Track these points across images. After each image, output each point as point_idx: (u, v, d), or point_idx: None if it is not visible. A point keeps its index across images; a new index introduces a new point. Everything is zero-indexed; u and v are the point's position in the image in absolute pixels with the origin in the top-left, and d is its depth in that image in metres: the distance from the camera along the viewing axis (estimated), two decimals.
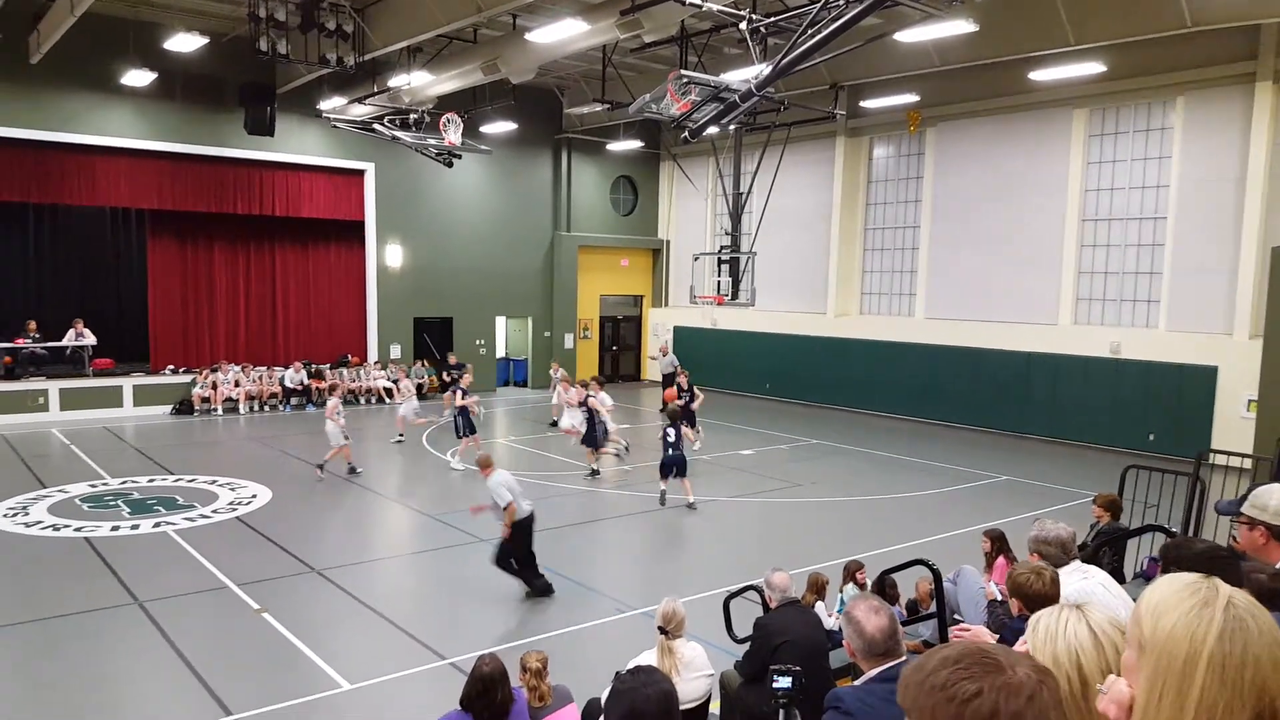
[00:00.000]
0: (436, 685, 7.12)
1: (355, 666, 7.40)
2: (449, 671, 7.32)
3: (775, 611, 5.28)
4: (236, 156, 20.85)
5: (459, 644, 7.82)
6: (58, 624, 8.24)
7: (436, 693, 6.96)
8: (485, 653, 4.48)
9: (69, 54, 17.23)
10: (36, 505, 12.18)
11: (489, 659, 4.35)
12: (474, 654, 7.25)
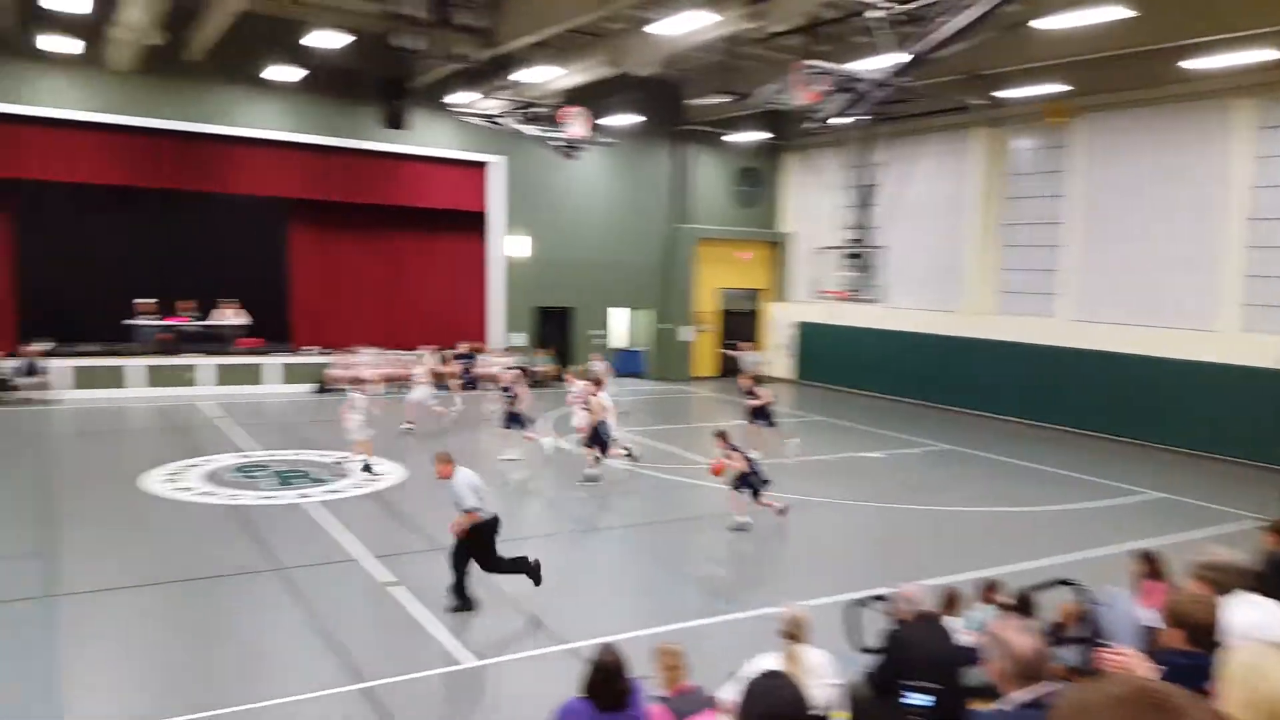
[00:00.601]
0: (556, 670, 7.25)
1: (480, 645, 7.63)
2: (568, 657, 7.44)
3: (906, 624, 5.12)
4: (371, 149, 21.82)
5: (579, 630, 7.94)
6: (206, 584, 8.84)
7: (556, 678, 7.09)
8: (606, 642, 4.52)
9: (224, 51, 18.38)
10: (192, 472, 13.10)
11: (610, 649, 4.39)
12: (593, 641, 7.40)
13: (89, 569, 9.15)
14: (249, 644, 7.63)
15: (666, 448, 16.35)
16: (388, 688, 6.83)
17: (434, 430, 16.54)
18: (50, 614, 7.99)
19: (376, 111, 20.87)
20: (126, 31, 16.14)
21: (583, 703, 4.30)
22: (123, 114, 19.21)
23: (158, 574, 9.08)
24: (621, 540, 10.90)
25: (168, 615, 8.15)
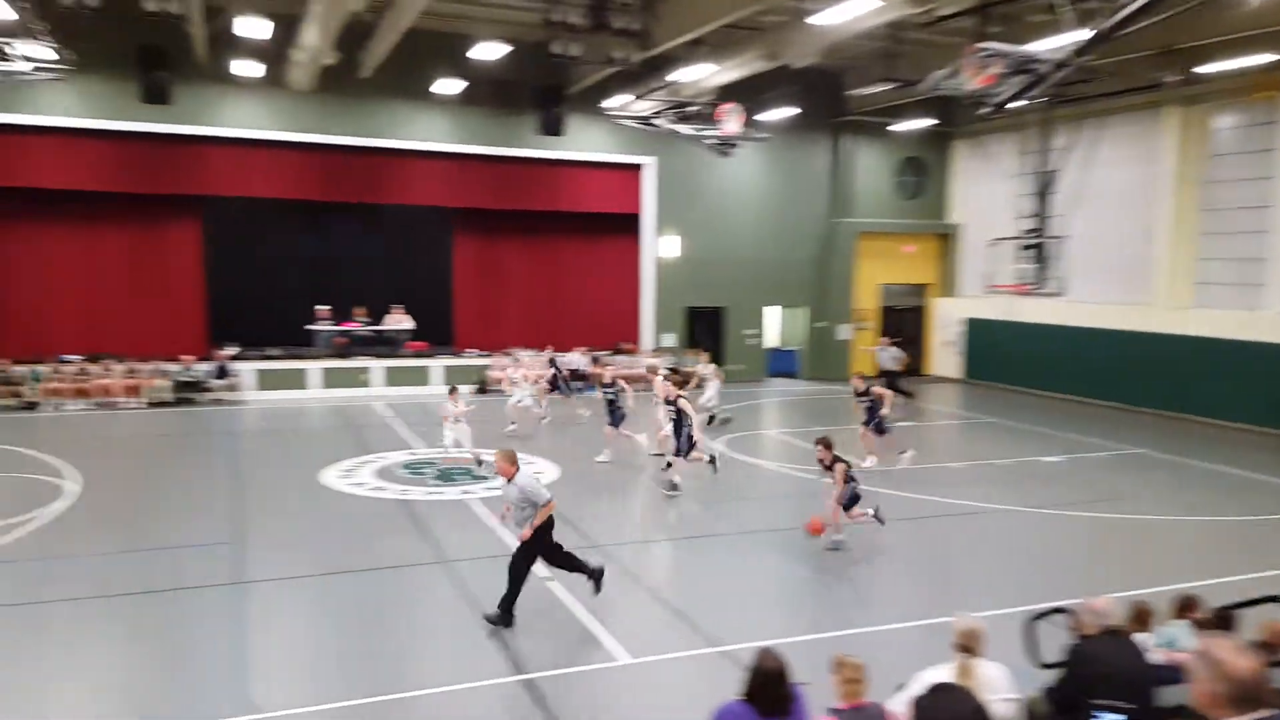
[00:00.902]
0: (710, 671, 7.28)
1: (634, 643, 7.76)
2: (722, 660, 7.45)
3: (1092, 639, 4.81)
4: (529, 156, 22.71)
5: (731, 634, 7.94)
6: (378, 574, 9.43)
7: (711, 679, 7.13)
8: (767, 647, 4.47)
9: (392, 68, 19.58)
10: (364, 469, 14.03)
11: (772, 655, 4.34)
12: (746, 645, 7.39)
13: (273, 558, 9.96)
14: (417, 632, 8.07)
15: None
16: (547, 680, 7.06)
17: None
18: (239, 599, 8.76)
19: (533, 119, 21.66)
20: (304, 53, 17.49)
21: (742, 706, 4.27)
22: (300, 132, 20.85)
23: (334, 564, 9.75)
24: (771, 544, 10.78)
25: (343, 603, 8.74)
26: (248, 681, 7.01)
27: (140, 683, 7.10)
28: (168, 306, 21.27)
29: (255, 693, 6.81)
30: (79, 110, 19.14)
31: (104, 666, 7.38)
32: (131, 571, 9.40)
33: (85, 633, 7.94)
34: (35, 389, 18.80)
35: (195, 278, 21.58)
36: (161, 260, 21.23)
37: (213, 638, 7.83)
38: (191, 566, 9.55)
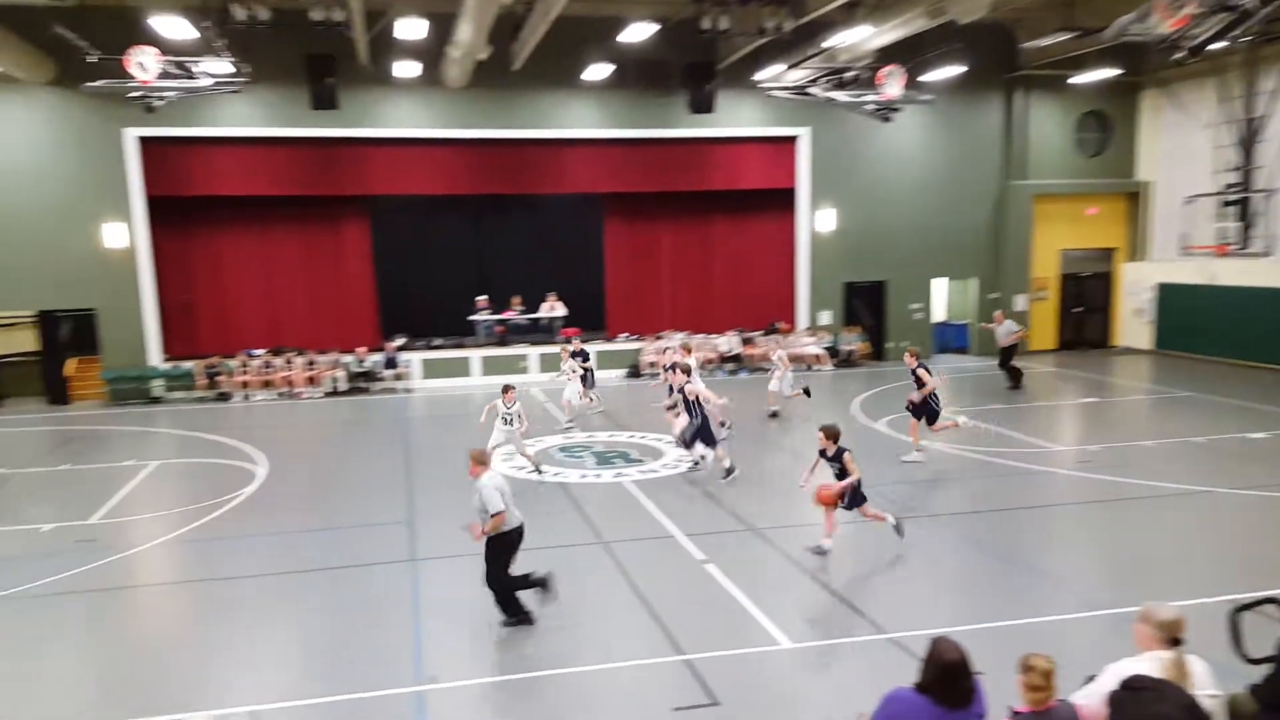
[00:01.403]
0: (877, 658, 7.19)
1: (795, 627, 7.76)
2: (889, 647, 7.33)
3: None
4: (678, 136, 22.82)
5: (900, 620, 7.80)
6: (541, 555, 9.80)
7: (876, 665, 7.05)
8: (946, 636, 4.32)
9: (541, 58, 20.11)
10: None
11: (953, 645, 4.19)
12: (917, 632, 7.25)
13: (443, 537, 10.56)
14: (577, 610, 8.37)
15: (997, 430, 15.37)
16: (708, 661, 7.17)
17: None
18: (414, 575, 9.37)
19: (683, 98, 21.74)
20: (459, 49, 18.28)
21: (916, 695, 4.18)
22: (455, 128, 21.79)
23: None
24: (946, 529, 10.46)
25: None
26: (422, 654, 7.50)
27: (324, 653, 7.73)
28: (342, 301, 22.86)
29: (429, 665, 7.29)
30: (254, 120, 20.78)
31: (291, 638, 8.09)
32: (316, 548, 10.24)
33: (276, 605, 8.73)
34: (230, 377, 20.72)
35: (366, 273, 23.04)
36: (335, 258, 22.82)
37: (390, 611, 8.42)
38: (370, 544, 10.30)
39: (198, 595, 9.22)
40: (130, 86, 15.43)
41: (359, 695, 6.88)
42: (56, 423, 18.66)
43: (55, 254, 20.05)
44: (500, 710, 6.71)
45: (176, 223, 21.43)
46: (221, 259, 22.15)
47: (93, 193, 20.18)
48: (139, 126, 19.78)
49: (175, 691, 7.07)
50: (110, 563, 9.91)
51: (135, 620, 8.73)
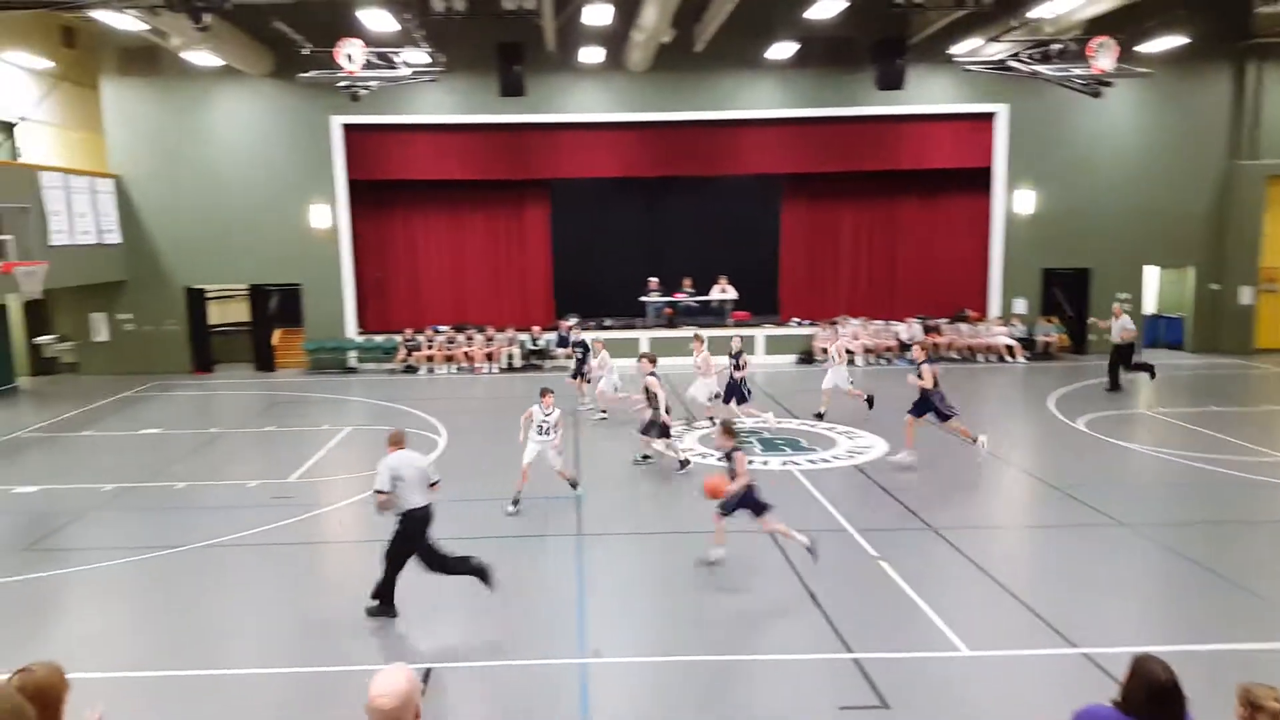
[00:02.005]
0: (1065, 672, 6.67)
1: (974, 633, 7.31)
2: (1080, 662, 6.78)
3: None
4: (865, 114, 22.10)
5: (1092, 634, 7.20)
6: (700, 539, 9.73)
7: (1065, 680, 6.54)
8: (1154, 655, 3.86)
9: (723, 38, 19.92)
10: (689, 435, 14.61)
11: (1162, 664, 3.76)
12: (1112, 649, 6.65)
13: (609, 514, 10.72)
14: (745, 599, 8.24)
15: (1216, 435, 13.96)
16: (878, 662, 6.87)
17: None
18: (580, 550, 9.53)
19: (870, 75, 21.00)
20: (643, 33, 18.40)
21: (1117, 714, 3.79)
22: (637, 111, 22.00)
23: (662, 524, 10.29)
24: (1148, 539, 9.56)
25: (672, 562, 9.16)
26: (586, 628, 7.60)
27: (492, 619, 7.97)
28: (520, 281, 23.67)
29: (593, 639, 7.37)
30: (447, 108, 21.79)
31: (461, 603, 8.39)
32: (487, 518, 10.61)
33: None
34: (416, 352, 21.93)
35: (544, 254, 23.73)
36: (516, 239, 23.63)
37: (555, 583, 8.61)
38: (537, 517, 10.57)
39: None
40: (338, 77, 16.45)
41: (524, 662, 7.06)
42: (263, 388, 20.34)
43: (267, 233, 21.83)
44: (660, 691, 6.69)
45: (373, 205, 22.85)
46: (413, 239, 23.43)
47: (302, 176, 21.81)
48: (344, 114, 21.18)
49: (350, 643, 7.51)
50: (305, 519, 10.67)
51: (321, 573, 9.36)
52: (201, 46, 18.08)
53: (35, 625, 8.01)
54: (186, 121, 21.61)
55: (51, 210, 18.65)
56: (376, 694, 3.00)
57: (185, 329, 22.26)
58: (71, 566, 9.29)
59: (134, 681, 6.87)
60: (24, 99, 20.56)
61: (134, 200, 21.69)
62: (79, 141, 22.66)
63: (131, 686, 6.77)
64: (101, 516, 10.96)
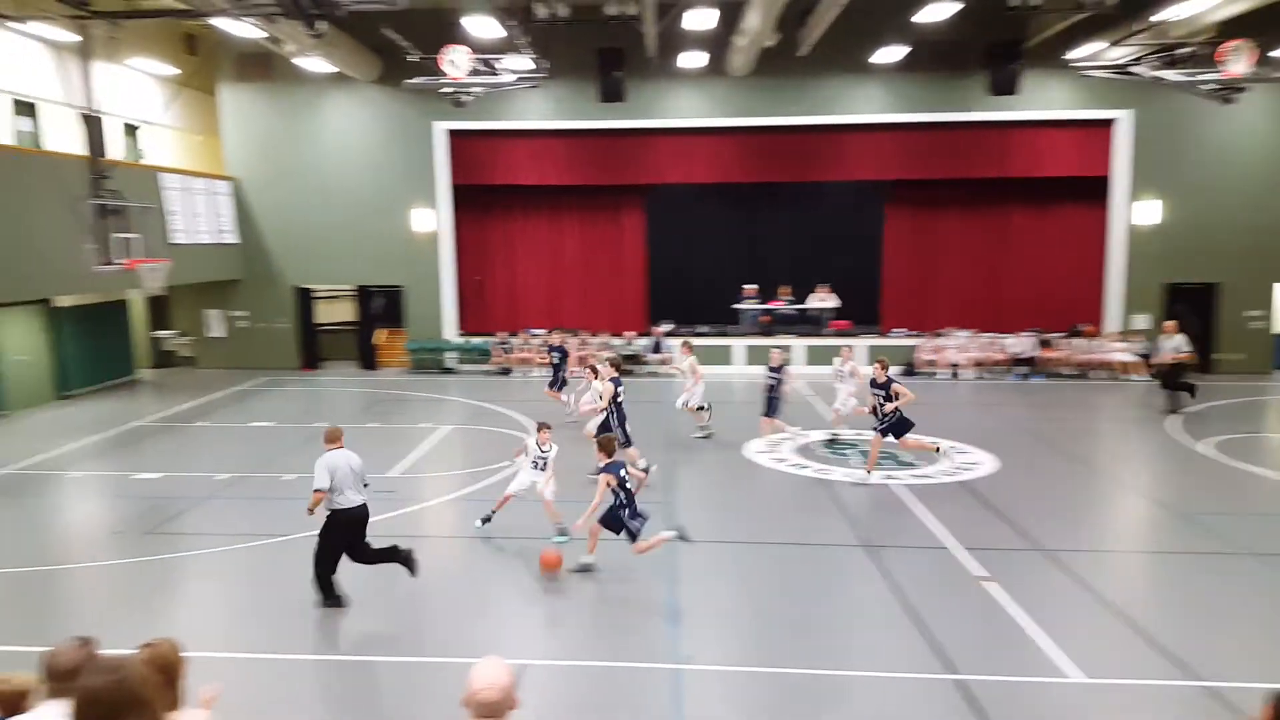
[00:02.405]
0: (1188, 707, 6.35)
1: (1087, 659, 7.02)
2: (1203, 697, 6.44)
3: None
4: (975, 120, 21.57)
5: (1221, 669, 6.83)
6: (799, 549, 9.67)
7: (1186, 713, 6.26)
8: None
9: (829, 43, 19.73)
10: (785, 445, 14.46)
11: None
12: (1241, 685, 6.32)
13: (700, 521, 10.68)
14: (841, 613, 8.11)
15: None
16: (983, 685, 6.68)
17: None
18: (673, 553, 9.51)
19: (982, 79, 20.53)
20: (745, 38, 18.38)
21: None
22: (736, 116, 21.97)
23: (756, 534, 10.21)
24: (1276, 568, 9.04)
25: (766, 573, 9.10)
26: (679, 635, 7.60)
27: (585, 618, 8.06)
28: (615, 286, 23.87)
29: (686, 645, 7.37)
30: (547, 114, 22.17)
31: (554, 600, 8.51)
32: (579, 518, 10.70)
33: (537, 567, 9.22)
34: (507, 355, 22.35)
35: (639, 259, 23.88)
36: (612, 244, 23.85)
37: (649, 587, 8.63)
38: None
39: (471, 550, 9.96)
40: (443, 83, 16.93)
41: (617, 664, 7.11)
42: (366, 386, 21.03)
43: (372, 235, 22.59)
44: (753, 702, 6.63)
45: (473, 208, 23.40)
46: (511, 242, 23.89)
47: (406, 181, 22.50)
48: (447, 120, 21.78)
49: (445, 635, 7.69)
50: (406, 513, 10.98)
51: (422, 566, 9.59)
52: (314, 53, 18.89)
53: (157, 605, 8.47)
54: (298, 126, 22.57)
55: (172, 210, 19.73)
56: (480, 687, 3.04)
57: (294, 327, 23.22)
58: (188, 550, 9.79)
59: (241, 662, 7.18)
60: (149, 104, 21.81)
61: (249, 201, 22.76)
62: (198, 144, 23.93)
63: (239, 667, 7.08)
64: (215, 504, 11.52)
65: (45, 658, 3.29)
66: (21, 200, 15.04)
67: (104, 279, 15.85)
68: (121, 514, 11.16)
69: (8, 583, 9.00)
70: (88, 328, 19.76)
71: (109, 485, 12.43)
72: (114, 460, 13.86)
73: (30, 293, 17.01)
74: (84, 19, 13.70)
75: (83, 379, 19.55)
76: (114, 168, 14.71)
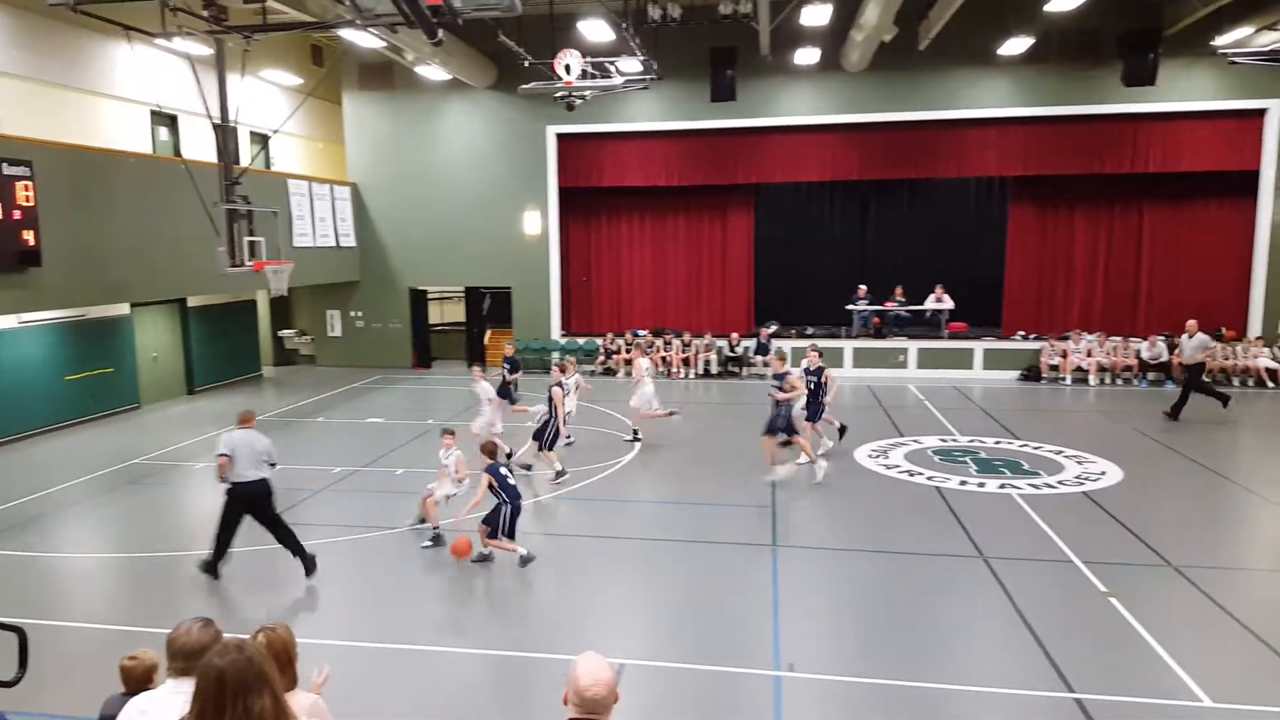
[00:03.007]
0: None
1: (1219, 684, 6.62)
2: None
3: None
4: (1108, 112, 20.66)
5: None
6: (908, 559, 9.43)
7: None
8: None
9: (950, 35, 19.22)
10: (895, 451, 14.15)
11: None
12: None
13: (804, 526, 10.59)
14: (951, 624, 7.88)
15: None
16: (1103, 705, 6.38)
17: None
18: (772, 560, 9.46)
19: (1116, 70, 19.63)
20: (863, 32, 18.08)
21: None
22: (851, 113, 21.63)
23: (863, 541, 10.02)
24: None
25: (873, 581, 8.91)
26: (780, 640, 7.53)
27: (687, 622, 8.07)
28: (721, 286, 23.84)
29: (787, 652, 7.29)
30: (656, 115, 22.33)
31: (656, 602, 8.57)
32: (682, 521, 10.76)
33: (643, 569, 9.29)
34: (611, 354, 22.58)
35: (746, 259, 23.76)
36: (719, 244, 23.82)
37: (749, 592, 8.58)
38: (732, 523, 10.61)
39: (575, 548, 10.12)
40: (556, 87, 17.25)
41: (718, 668, 7.08)
42: None
43: (483, 237, 23.22)
44: (854, 713, 6.51)
45: (580, 210, 23.79)
46: (617, 243, 24.18)
47: (518, 184, 23.04)
48: (558, 124, 22.22)
49: (549, 631, 7.83)
50: None
51: (519, 565, 9.80)
52: (433, 61, 19.55)
53: (274, 591, 8.92)
54: (415, 132, 23.39)
55: (296, 214, 20.73)
56: (589, 684, 3.04)
57: (408, 327, 24.06)
58: (304, 541, 10.25)
59: (345, 650, 7.49)
60: (277, 113, 22.99)
61: (367, 206, 23.72)
62: (319, 152, 25.08)
63: (343, 655, 7.38)
64: (329, 496, 12.04)
65: (170, 637, 3.42)
66: (161, 206, 16.12)
67: (233, 280, 16.80)
68: None
69: (138, 567, 9.65)
70: (217, 326, 20.99)
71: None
72: None
73: (168, 292, 18.23)
74: (220, 34, 14.53)
75: (211, 375, 20.78)
76: (244, 174, 15.53)
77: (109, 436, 16.01)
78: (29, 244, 13.39)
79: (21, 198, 13.26)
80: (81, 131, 16.51)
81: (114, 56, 17.59)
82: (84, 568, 9.75)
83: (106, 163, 15.54)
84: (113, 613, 8.48)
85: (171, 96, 18.04)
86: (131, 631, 7.61)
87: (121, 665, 4.35)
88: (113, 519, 11.54)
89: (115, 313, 17.83)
